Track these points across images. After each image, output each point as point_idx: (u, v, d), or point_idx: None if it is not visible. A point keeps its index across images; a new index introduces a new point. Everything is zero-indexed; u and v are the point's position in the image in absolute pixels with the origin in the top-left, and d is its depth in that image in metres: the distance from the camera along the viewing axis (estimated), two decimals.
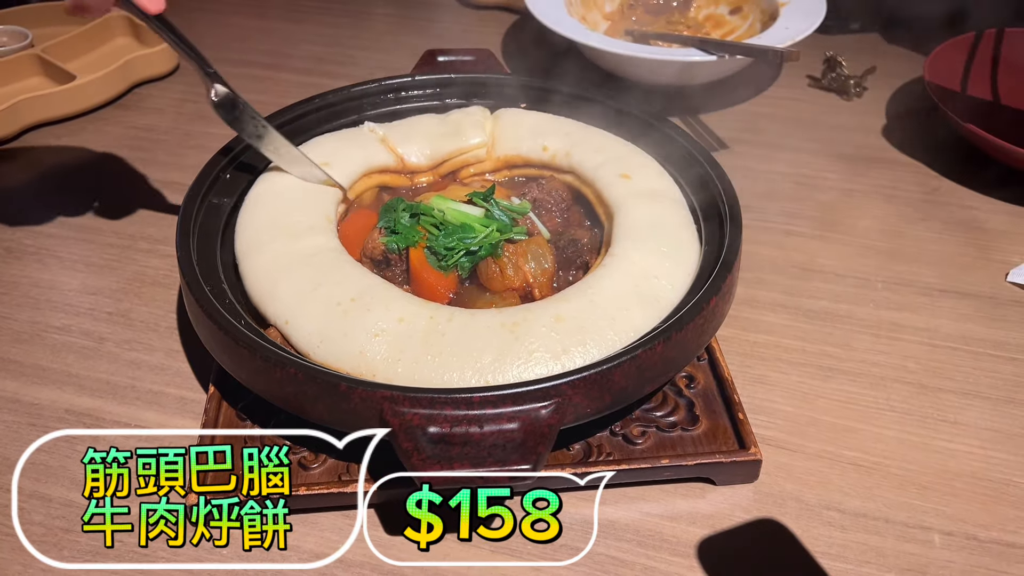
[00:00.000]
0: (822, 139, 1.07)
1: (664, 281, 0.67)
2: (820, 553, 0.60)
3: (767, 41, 1.04)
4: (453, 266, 0.71)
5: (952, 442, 0.68)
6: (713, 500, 0.64)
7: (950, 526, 0.62)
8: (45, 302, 0.81)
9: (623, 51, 1.03)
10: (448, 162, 0.84)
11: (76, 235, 0.90)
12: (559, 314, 0.63)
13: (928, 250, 0.89)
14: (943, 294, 0.83)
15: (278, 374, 0.58)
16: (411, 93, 0.90)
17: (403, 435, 0.54)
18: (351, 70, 1.20)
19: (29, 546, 0.60)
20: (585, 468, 0.62)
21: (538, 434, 0.54)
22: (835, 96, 1.16)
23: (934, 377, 0.74)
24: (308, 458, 0.63)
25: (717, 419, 0.66)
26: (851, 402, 0.72)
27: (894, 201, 0.96)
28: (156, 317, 0.80)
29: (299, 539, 0.61)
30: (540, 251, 0.72)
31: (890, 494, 0.64)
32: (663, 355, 0.59)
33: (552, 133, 0.84)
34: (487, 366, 0.59)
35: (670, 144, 0.81)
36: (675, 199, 0.76)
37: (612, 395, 0.58)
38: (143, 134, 1.07)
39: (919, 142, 1.06)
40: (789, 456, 0.67)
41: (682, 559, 0.60)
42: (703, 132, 1.08)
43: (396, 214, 0.74)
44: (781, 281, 0.84)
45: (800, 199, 0.96)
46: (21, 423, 0.69)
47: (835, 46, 1.20)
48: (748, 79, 1.17)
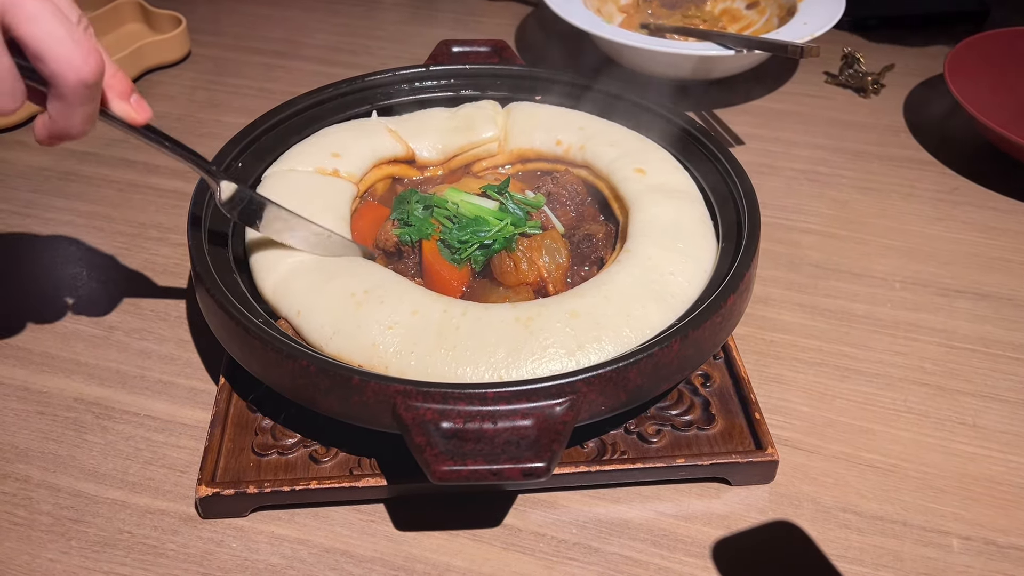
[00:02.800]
0: (839, 136, 1.06)
1: (680, 278, 0.66)
2: (836, 556, 0.59)
3: (785, 36, 1.02)
4: (466, 259, 0.70)
5: (970, 445, 0.67)
6: (728, 500, 0.63)
7: (968, 531, 0.61)
8: (55, 290, 0.81)
9: (638, 44, 1.02)
10: (460, 156, 0.84)
11: (86, 222, 0.89)
12: (574, 310, 0.62)
13: (946, 250, 0.88)
14: (961, 295, 0.82)
15: (290, 366, 0.57)
16: (425, 84, 0.89)
17: (416, 430, 0.53)
18: (364, 60, 1.19)
19: (37, 536, 0.60)
20: (599, 466, 0.61)
21: (552, 431, 0.53)
22: (852, 93, 1.15)
23: (952, 379, 0.73)
24: (319, 451, 0.63)
25: (733, 418, 0.65)
26: (868, 403, 0.71)
27: (912, 200, 0.95)
28: (166, 306, 0.79)
29: (310, 533, 0.60)
30: (555, 246, 0.71)
31: (908, 497, 0.63)
32: (680, 353, 0.59)
33: (565, 127, 0.83)
34: (500, 361, 0.59)
35: (686, 139, 0.80)
36: (691, 195, 0.75)
37: (627, 393, 0.58)
38: (154, 121, 1.06)
39: (938, 140, 1.04)
40: (806, 457, 0.66)
41: (696, 560, 0.59)
42: (718, 127, 1.07)
43: (409, 206, 0.73)
44: (797, 279, 0.83)
45: (816, 197, 0.95)
46: (30, 411, 0.69)
47: (852, 42, 1.19)
48: (764, 75, 1.16)
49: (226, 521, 0.61)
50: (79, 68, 0.49)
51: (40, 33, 0.48)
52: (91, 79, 0.50)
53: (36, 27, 0.47)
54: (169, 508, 0.62)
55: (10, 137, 1.02)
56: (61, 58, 0.48)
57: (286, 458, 0.62)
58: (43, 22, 0.48)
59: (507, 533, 0.61)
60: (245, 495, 0.59)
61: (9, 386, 0.71)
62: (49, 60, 0.48)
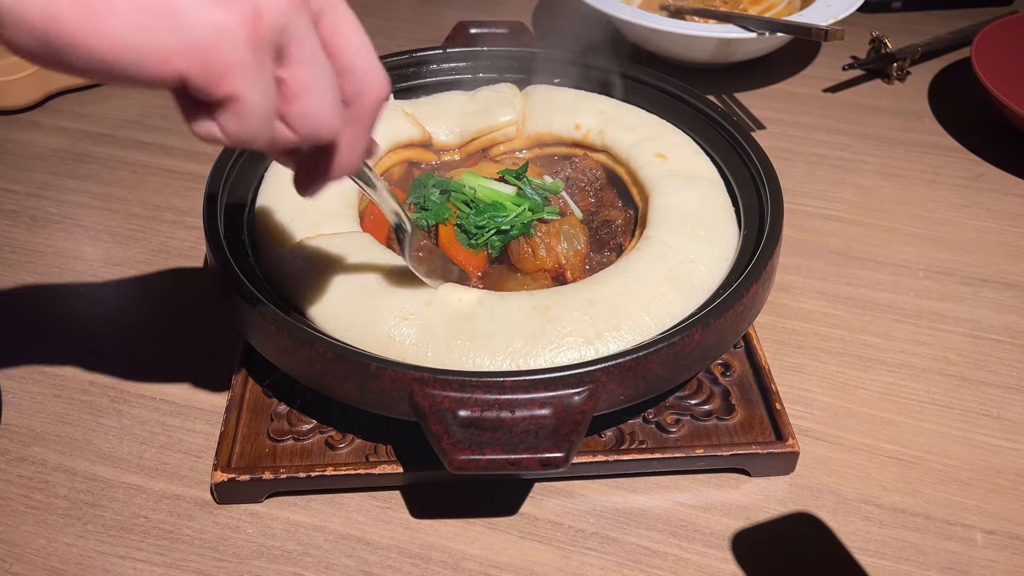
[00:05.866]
0: (862, 121, 1.04)
1: (701, 266, 0.65)
2: (858, 549, 0.59)
3: (809, 19, 1.00)
4: (483, 245, 0.69)
5: (995, 437, 0.66)
6: (748, 491, 0.62)
7: (993, 524, 0.60)
8: (70, 272, 0.81)
9: (659, 26, 1.00)
10: (477, 140, 0.82)
11: (101, 204, 0.89)
12: (592, 298, 0.61)
13: (971, 238, 0.86)
14: (986, 284, 0.81)
15: (307, 352, 0.56)
16: (442, 66, 0.87)
17: (433, 418, 0.53)
18: (381, 41, 1.17)
19: (54, 519, 0.60)
20: (617, 456, 0.60)
21: (571, 421, 0.52)
22: (876, 77, 1.13)
23: (977, 370, 0.72)
24: (335, 438, 0.62)
25: (753, 408, 0.64)
26: (891, 394, 0.70)
27: (936, 187, 0.93)
28: (181, 290, 0.79)
29: (325, 520, 0.60)
30: (573, 231, 0.70)
31: (931, 490, 0.62)
32: (701, 342, 0.58)
33: (584, 110, 0.82)
34: (518, 350, 0.58)
35: (707, 123, 0.79)
36: (712, 180, 0.74)
37: (647, 383, 0.57)
38: (171, 103, 1.03)
39: (964, 126, 1.02)
40: (827, 448, 0.65)
41: (715, 551, 0.58)
42: (739, 111, 1.05)
43: (426, 190, 0.72)
44: (819, 267, 0.82)
45: (838, 183, 0.94)
46: (46, 395, 0.69)
47: (876, 24, 1.17)
48: (785, 58, 1.14)
49: (242, 507, 0.61)
50: (384, 85, 0.43)
51: (358, 41, 0.42)
52: (389, 96, 0.45)
53: (354, 35, 0.42)
54: (185, 493, 0.62)
55: (25, 118, 1.02)
56: (372, 72, 0.42)
57: (302, 444, 0.62)
58: (358, 29, 0.42)
59: (524, 522, 0.60)
60: (261, 481, 0.59)
61: (25, 369, 0.71)
62: (360, 73, 0.42)
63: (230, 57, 0.35)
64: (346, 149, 0.44)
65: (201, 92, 0.36)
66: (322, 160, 0.44)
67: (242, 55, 0.36)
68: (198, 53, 0.35)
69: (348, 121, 0.43)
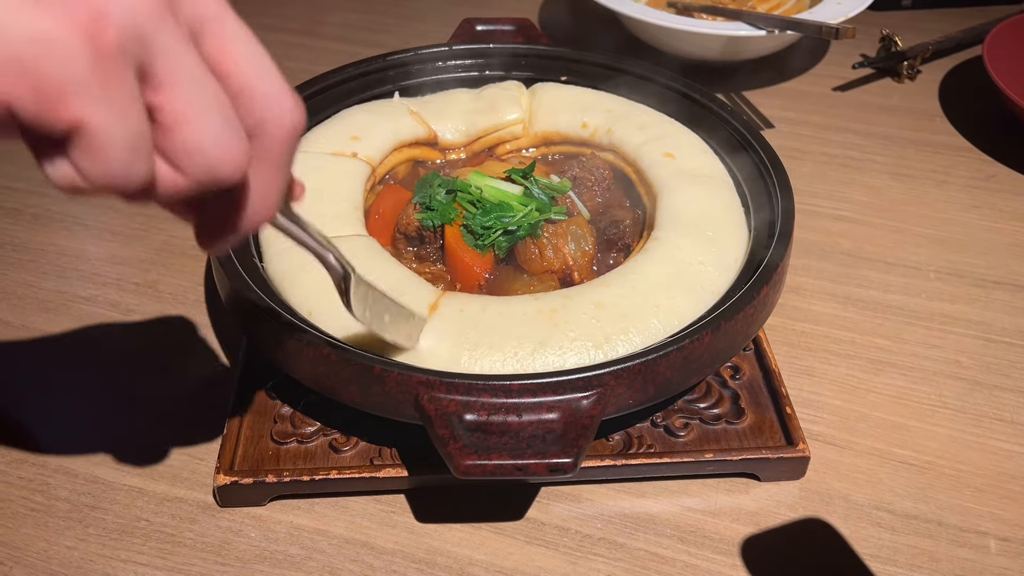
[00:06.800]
0: (872, 120, 1.03)
1: (710, 268, 0.64)
2: (869, 556, 0.58)
3: (818, 16, 0.99)
4: (490, 245, 0.68)
5: (1009, 443, 0.65)
6: (757, 496, 0.61)
7: (1006, 531, 0.59)
8: (72, 271, 0.80)
9: (666, 23, 0.99)
10: (483, 139, 0.81)
11: (103, 202, 0.88)
12: (600, 300, 0.60)
13: (983, 239, 0.85)
14: (998, 286, 0.80)
15: (311, 354, 0.56)
16: (448, 63, 0.86)
17: (439, 422, 0.52)
18: (385, 38, 1.16)
19: (55, 522, 0.59)
20: (625, 460, 0.60)
21: (579, 425, 0.52)
22: (886, 76, 1.11)
23: (989, 374, 0.71)
24: (339, 440, 0.61)
25: (763, 412, 0.64)
26: (902, 397, 0.69)
27: (947, 187, 0.92)
28: (184, 289, 0.78)
29: (329, 524, 0.59)
30: (581, 232, 0.69)
31: (943, 496, 0.61)
32: (711, 346, 0.57)
33: (592, 109, 0.81)
34: (526, 355, 0.57)
35: (716, 122, 0.78)
36: (721, 180, 0.73)
37: (656, 386, 0.56)
38: None
39: (975, 126, 1.01)
40: (837, 453, 0.64)
41: (725, 557, 0.57)
42: (747, 110, 1.04)
43: (432, 190, 0.71)
44: (828, 268, 0.81)
45: (848, 183, 0.93)
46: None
47: (886, 23, 1.16)
48: (794, 56, 1.13)
49: (244, 510, 0.60)
50: (291, 110, 0.36)
51: (253, 60, 0.35)
52: (302, 125, 0.37)
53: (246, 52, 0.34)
54: (187, 496, 0.61)
55: None
56: (273, 95, 0.35)
57: (305, 447, 0.61)
58: (253, 46, 0.35)
59: (530, 526, 0.59)
60: (264, 484, 0.58)
61: (25, 369, 0.70)
62: (259, 98, 0.34)
63: (63, 73, 0.28)
64: (258, 192, 0.36)
65: (36, 123, 0.28)
66: (230, 208, 0.36)
67: (79, 70, 0.28)
68: (19, 71, 0.27)
69: (256, 158, 0.35)
